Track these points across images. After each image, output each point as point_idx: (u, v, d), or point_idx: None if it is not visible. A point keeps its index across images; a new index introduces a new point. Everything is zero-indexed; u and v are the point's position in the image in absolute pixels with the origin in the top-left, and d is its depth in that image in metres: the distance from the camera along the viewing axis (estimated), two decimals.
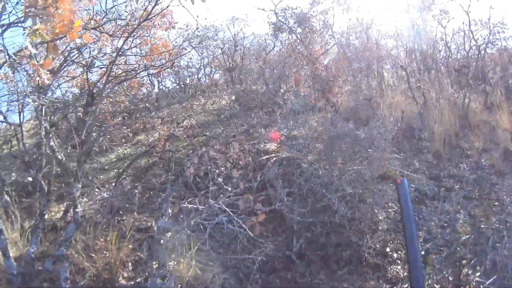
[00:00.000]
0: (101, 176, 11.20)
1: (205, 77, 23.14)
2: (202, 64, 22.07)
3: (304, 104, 12.23)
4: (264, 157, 9.89)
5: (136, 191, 9.53)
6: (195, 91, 17.56)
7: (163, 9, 8.69)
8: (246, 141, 9.74)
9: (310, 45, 12.89)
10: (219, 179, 7.11)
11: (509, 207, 8.17)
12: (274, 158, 9.66)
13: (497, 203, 8.80)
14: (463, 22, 15.11)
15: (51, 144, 8.35)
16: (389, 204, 8.54)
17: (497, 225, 7.25)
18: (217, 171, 7.18)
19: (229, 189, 6.93)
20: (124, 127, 12.34)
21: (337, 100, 12.41)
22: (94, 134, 9.19)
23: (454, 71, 15.22)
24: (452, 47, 16.76)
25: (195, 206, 6.60)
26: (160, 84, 20.64)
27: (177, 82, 21.53)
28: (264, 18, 29.42)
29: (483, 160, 10.62)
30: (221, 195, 6.89)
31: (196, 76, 22.32)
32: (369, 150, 8.38)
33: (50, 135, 8.40)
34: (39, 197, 8.46)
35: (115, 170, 11.47)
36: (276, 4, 12.98)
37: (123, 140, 12.77)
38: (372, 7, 17.59)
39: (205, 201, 6.62)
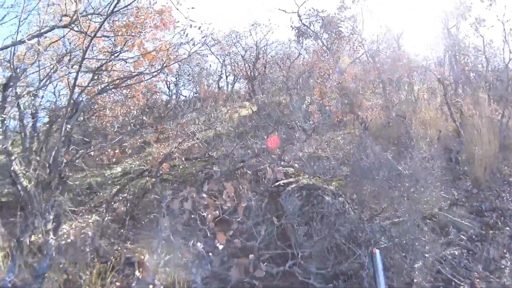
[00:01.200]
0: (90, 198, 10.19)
1: (227, 85, 22.46)
2: (223, 71, 21.58)
3: (330, 120, 11.07)
4: (281, 182, 8.66)
5: (127, 218, 8.47)
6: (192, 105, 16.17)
7: None
8: (246, 179, 8.44)
9: (338, 52, 11.59)
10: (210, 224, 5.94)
11: None
12: (293, 186, 8.35)
13: None
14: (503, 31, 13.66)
15: (13, 167, 6.98)
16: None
17: None
18: (209, 216, 6.01)
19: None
20: (117, 144, 10.94)
21: (366, 116, 11.19)
22: (76, 152, 8.23)
23: (486, 83, 13.86)
24: (490, 58, 15.36)
25: None
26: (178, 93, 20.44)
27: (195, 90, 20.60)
28: (288, 22, 27.92)
29: None
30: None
31: (216, 84, 21.61)
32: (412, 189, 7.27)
33: (13, 157, 7.04)
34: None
35: (107, 191, 10.35)
36: (300, 5, 11.70)
37: (113, 160, 11.37)
38: (404, 14, 15.84)
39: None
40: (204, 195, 6.06)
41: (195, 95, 19.37)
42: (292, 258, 6.25)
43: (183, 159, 9.97)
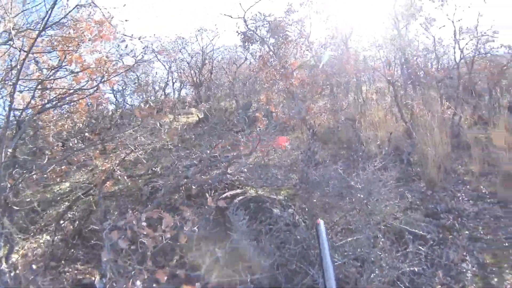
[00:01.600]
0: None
1: (174, 92, 21.83)
2: (169, 78, 20.89)
3: (276, 126, 10.59)
4: (228, 193, 8.22)
5: (76, 237, 7.87)
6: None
7: None
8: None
9: (284, 57, 11.12)
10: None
11: None
12: (240, 198, 7.86)
13: (506, 244, 7.26)
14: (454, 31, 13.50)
15: None
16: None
17: None
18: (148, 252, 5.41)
19: None
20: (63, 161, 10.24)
21: (314, 121, 10.77)
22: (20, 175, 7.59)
23: (437, 82, 13.69)
24: (441, 58, 15.28)
25: None
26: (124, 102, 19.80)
27: (143, 98, 20.29)
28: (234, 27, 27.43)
29: (482, 187, 9.22)
30: None
31: (162, 92, 21.14)
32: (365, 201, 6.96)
33: None
34: None
35: (56, 209, 9.74)
36: (246, 10, 11.21)
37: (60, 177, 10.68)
38: (353, 16, 15.58)
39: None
40: (144, 223, 5.42)
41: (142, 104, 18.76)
42: (242, 283, 5.67)
43: (125, 177, 9.27)
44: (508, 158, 9.71)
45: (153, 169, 9.86)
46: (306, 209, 7.35)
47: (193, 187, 8.21)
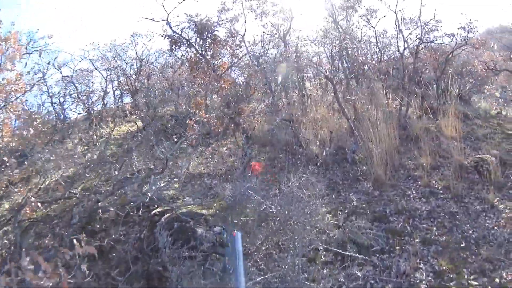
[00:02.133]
0: None
1: (116, 101, 20.99)
2: (108, 87, 20.23)
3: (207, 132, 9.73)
4: (156, 211, 7.42)
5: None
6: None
7: None
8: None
9: (213, 59, 10.13)
10: None
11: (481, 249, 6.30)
12: (167, 216, 7.03)
13: (463, 244, 6.56)
14: (395, 22, 12.80)
15: None
16: None
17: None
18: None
19: None
20: None
21: (249, 125, 9.82)
22: None
23: (381, 75, 12.97)
24: (385, 49, 14.60)
25: None
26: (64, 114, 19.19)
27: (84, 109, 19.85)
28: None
29: (434, 181, 8.52)
30: None
31: (102, 102, 20.28)
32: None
33: None
34: None
35: None
36: (169, 12, 10.21)
37: None
38: (290, 11, 14.70)
39: None
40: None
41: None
42: None
43: (38, 204, 8.11)
44: (459, 148, 9.11)
45: (70, 192, 8.71)
46: (239, 223, 6.45)
47: (111, 209, 7.18)
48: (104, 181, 9.66)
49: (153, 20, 10.35)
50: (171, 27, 10.36)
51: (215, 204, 7.77)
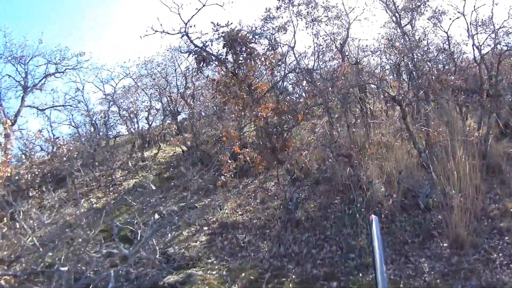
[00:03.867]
0: None
1: (162, 121, 20.05)
2: (151, 107, 19.52)
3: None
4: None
5: None
6: None
7: None
8: None
9: (248, 79, 8.31)
10: None
11: None
12: None
13: None
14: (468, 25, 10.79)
15: None
16: None
17: None
18: None
19: None
20: None
21: (296, 161, 8.08)
22: None
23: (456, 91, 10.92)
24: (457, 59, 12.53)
25: None
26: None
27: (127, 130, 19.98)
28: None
29: None
30: None
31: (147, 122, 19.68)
32: None
33: None
34: None
35: None
36: (187, 22, 8.27)
37: None
38: (347, 16, 12.95)
39: None
40: None
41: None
42: None
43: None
44: None
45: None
46: None
47: None
48: None
49: (167, 33, 8.50)
50: (191, 41, 8.43)
51: (244, 274, 6.15)
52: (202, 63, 8.46)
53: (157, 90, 17.97)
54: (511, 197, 7.39)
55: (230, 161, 8.25)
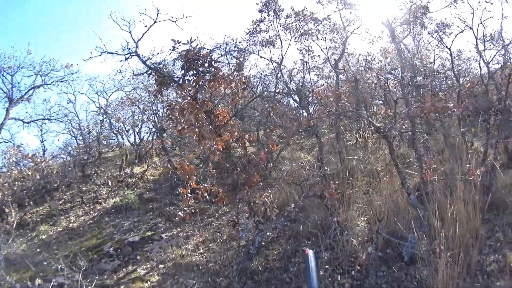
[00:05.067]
0: None
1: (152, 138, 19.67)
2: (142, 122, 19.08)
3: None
4: None
5: None
6: None
7: None
8: None
9: (206, 104, 7.15)
10: None
11: None
12: None
13: None
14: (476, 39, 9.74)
15: None
16: None
17: None
18: None
19: None
20: None
21: (263, 203, 6.93)
22: None
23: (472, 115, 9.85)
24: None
25: None
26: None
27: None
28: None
29: None
30: None
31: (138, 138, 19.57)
32: None
33: None
34: None
35: None
36: (137, 41, 7.43)
37: None
38: (344, 29, 11.86)
39: None
40: None
41: None
42: None
43: None
44: None
45: None
46: None
47: None
48: None
49: (116, 54, 7.45)
50: (143, 61, 7.47)
51: None
52: (162, 86, 7.41)
53: (145, 105, 17.56)
54: None
55: (191, 195, 7.19)
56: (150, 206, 12.54)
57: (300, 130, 9.40)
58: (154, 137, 18.84)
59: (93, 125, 19.06)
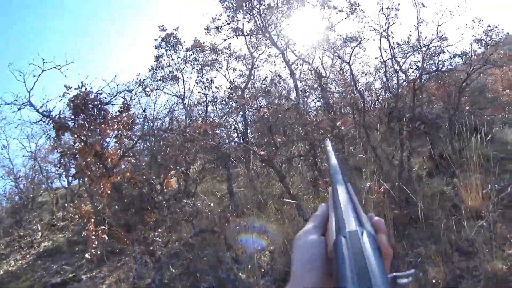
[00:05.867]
0: None
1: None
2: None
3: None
4: None
5: None
6: None
7: None
8: None
9: (94, 147, 7.05)
10: None
11: None
12: None
13: None
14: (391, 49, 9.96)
15: None
16: None
17: None
18: None
19: None
20: None
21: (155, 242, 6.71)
22: None
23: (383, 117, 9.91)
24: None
25: None
26: None
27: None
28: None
29: None
30: None
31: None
32: None
33: None
34: None
35: None
36: (30, 90, 7.67)
37: None
38: (250, 56, 12.10)
39: None
40: None
41: None
42: None
43: None
44: (489, 236, 5.85)
45: None
46: None
47: None
48: None
49: (13, 104, 7.53)
50: (36, 109, 7.45)
51: None
52: (61, 131, 7.32)
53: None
54: (435, 267, 5.83)
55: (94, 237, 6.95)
56: (77, 249, 12.56)
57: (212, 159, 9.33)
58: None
59: (27, 170, 19.28)
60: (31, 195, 18.47)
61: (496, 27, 9.65)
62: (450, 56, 10.43)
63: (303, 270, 0.86)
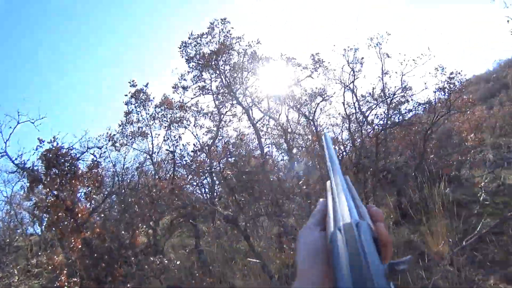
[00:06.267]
0: None
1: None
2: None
3: None
4: None
5: None
6: None
7: None
8: None
9: (65, 202, 7.17)
10: None
11: None
12: None
13: None
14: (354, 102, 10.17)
15: None
16: None
17: None
18: None
19: None
20: None
21: None
22: None
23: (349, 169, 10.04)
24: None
25: None
26: None
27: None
28: None
29: None
30: None
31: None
32: None
33: None
34: None
35: None
36: (6, 141, 8.14)
37: None
38: (218, 112, 12.40)
39: None
40: None
41: None
42: None
43: None
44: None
45: None
46: None
47: None
48: None
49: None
50: (12, 160, 7.85)
51: None
52: (33, 183, 7.47)
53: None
54: None
55: None
56: None
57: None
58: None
59: (3, 214, 19.19)
60: (8, 240, 18.08)
61: (459, 73, 9.97)
62: (414, 106, 10.79)
63: (306, 266, 0.90)
